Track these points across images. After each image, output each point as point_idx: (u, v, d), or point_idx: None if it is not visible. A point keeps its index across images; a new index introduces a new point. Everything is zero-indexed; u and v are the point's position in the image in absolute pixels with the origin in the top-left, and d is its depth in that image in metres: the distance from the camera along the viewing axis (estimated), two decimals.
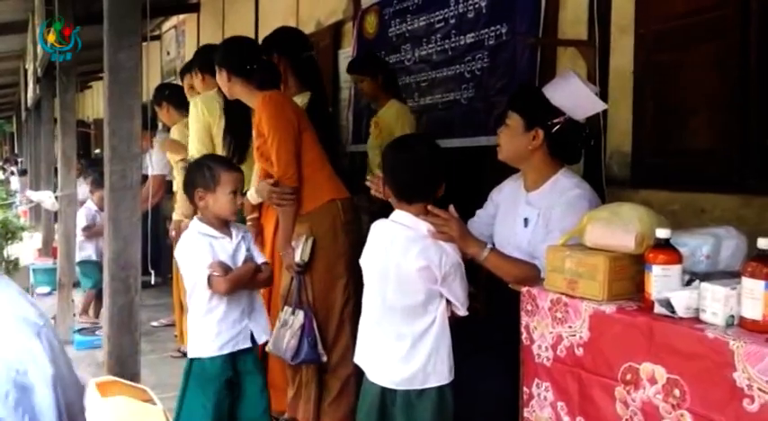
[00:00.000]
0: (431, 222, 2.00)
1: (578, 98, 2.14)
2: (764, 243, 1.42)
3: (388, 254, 2.02)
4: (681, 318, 1.51)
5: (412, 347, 1.98)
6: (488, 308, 2.31)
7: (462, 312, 2.02)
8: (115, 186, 2.40)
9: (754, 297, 1.41)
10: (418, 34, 3.93)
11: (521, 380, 1.88)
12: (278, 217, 2.86)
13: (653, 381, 1.52)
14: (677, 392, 1.47)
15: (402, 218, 2.05)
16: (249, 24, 6.10)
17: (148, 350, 4.10)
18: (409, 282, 1.98)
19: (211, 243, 2.36)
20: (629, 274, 1.70)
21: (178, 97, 4.29)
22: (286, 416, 2.89)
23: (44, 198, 5.53)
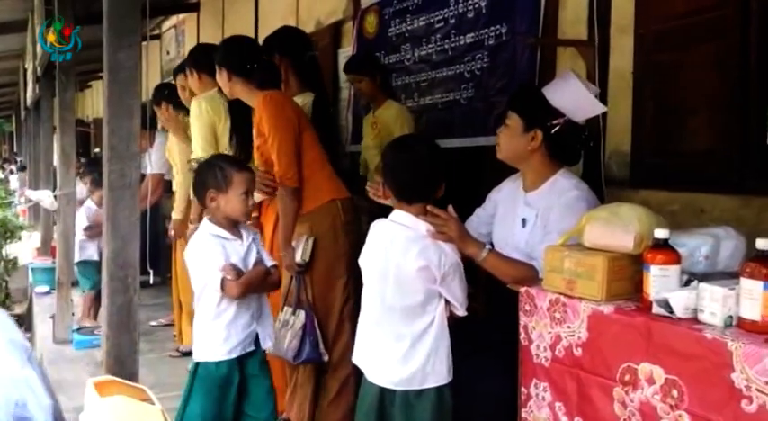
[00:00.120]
0: (430, 222, 2.00)
1: (578, 100, 2.14)
2: (763, 243, 1.42)
3: (388, 254, 2.02)
4: (679, 319, 1.51)
5: (411, 347, 1.98)
6: (487, 308, 2.31)
7: (461, 312, 2.02)
8: (114, 185, 2.40)
9: (752, 297, 1.41)
10: (418, 34, 3.93)
11: (519, 380, 1.88)
12: (277, 216, 2.86)
13: (651, 382, 1.52)
14: (675, 393, 1.47)
15: (401, 218, 2.04)
16: (249, 24, 6.10)
17: (147, 349, 4.09)
18: (408, 283, 1.98)
19: (224, 245, 2.31)
20: (627, 275, 1.69)
21: (177, 97, 4.28)
22: (283, 415, 2.89)
23: (43, 197, 5.53)
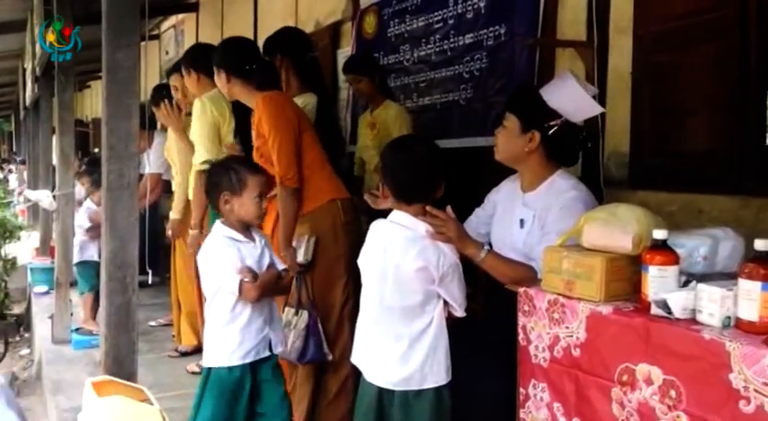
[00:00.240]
0: (429, 223, 2.00)
1: (575, 101, 2.14)
2: (761, 244, 1.42)
3: (387, 254, 2.02)
4: (677, 320, 1.51)
5: (409, 348, 1.98)
6: (486, 308, 2.31)
7: (459, 313, 2.02)
8: (112, 185, 2.40)
9: (750, 298, 1.41)
10: (417, 34, 3.93)
11: (517, 380, 1.88)
12: (277, 216, 2.86)
13: (649, 382, 1.52)
14: (673, 393, 1.47)
15: (400, 218, 2.04)
16: (248, 24, 6.10)
17: (146, 350, 4.09)
18: (407, 283, 1.98)
19: (239, 248, 2.29)
20: (626, 275, 1.69)
21: None
22: None
23: (42, 197, 5.52)
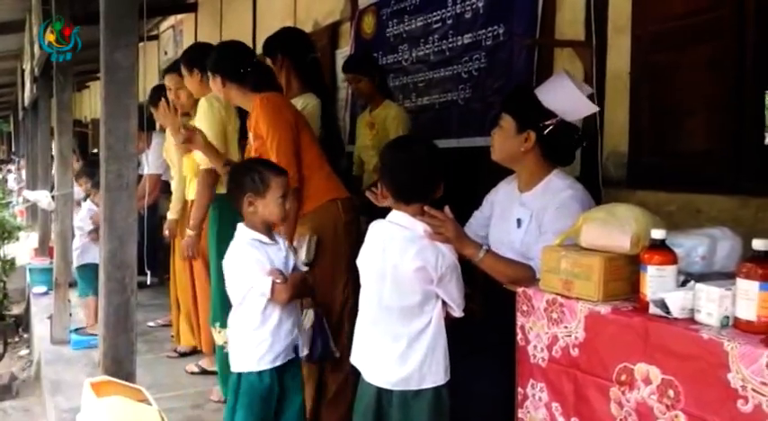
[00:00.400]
0: (427, 223, 2.00)
1: (570, 100, 2.14)
2: (759, 244, 1.42)
3: (385, 254, 2.02)
4: (676, 319, 1.51)
5: (408, 348, 1.98)
6: (484, 308, 2.31)
7: (458, 313, 2.02)
8: (111, 186, 2.39)
9: (748, 298, 1.41)
10: (416, 35, 3.93)
11: (516, 380, 1.88)
12: None
13: (647, 382, 1.52)
14: (671, 393, 1.47)
15: (399, 218, 2.04)
16: (247, 24, 6.10)
17: (144, 350, 4.10)
18: (406, 283, 1.98)
19: (266, 250, 2.28)
20: (624, 275, 1.69)
21: None
22: None
23: (41, 197, 5.52)
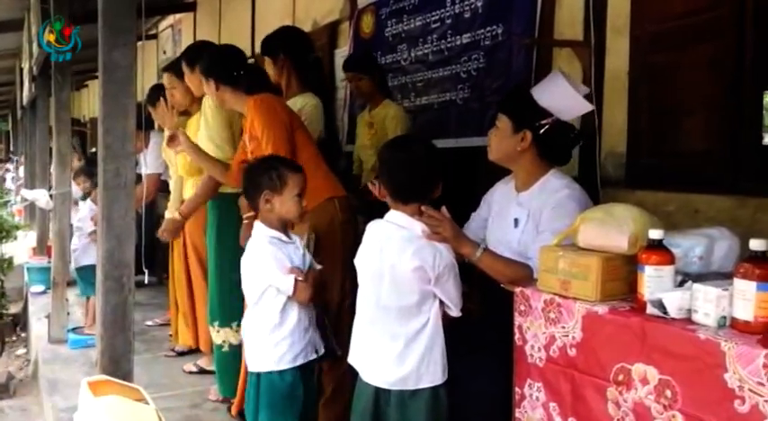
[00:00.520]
0: (425, 223, 2.00)
1: (565, 99, 2.15)
2: (756, 244, 1.42)
3: (383, 254, 2.02)
4: (673, 319, 1.51)
5: (405, 348, 1.98)
6: (482, 307, 2.31)
7: (455, 313, 2.02)
8: (109, 184, 2.39)
9: (745, 298, 1.41)
10: (414, 34, 3.93)
11: (513, 380, 1.88)
12: None
13: (645, 382, 1.52)
14: (669, 393, 1.47)
15: (397, 218, 2.04)
16: (246, 23, 6.10)
17: (142, 349, 4.09)
18: (404, 283, 1.98)
19: (286, 248, 2.28)
20: (621, 275, 1.70)
21: None
22: None
23: (39, 196, 5.51)
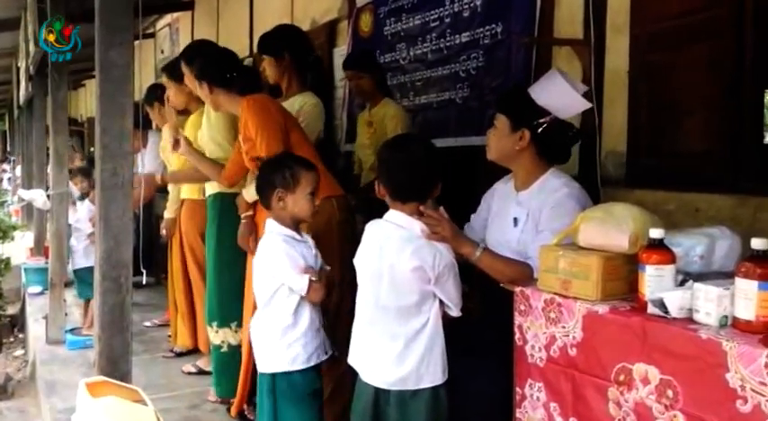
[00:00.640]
0: (424, 222, 1.99)
1: (563, 97, 2.14)
2: (758, 243, 1.42)
3: (382, 254, 2.01)
4: (674, 319, 1.50)
5: (405, 348, 1.97)
6: (482, 307, 2.30)
7: (455, 313, 2.01)
8: (106, 184, 2.38)
9: (747, 297, 1.41)
10: (413, 33, 3.92)
11: (513, 380, 1.87)
12: None
13: (646, 382, 1.52)
14: (670, 393, 1.47)
15: (396, 218, 2.04)
16: (244, 22, 6.09)
17: (141, 350, 4.08)
18: (403, 283, 1.97)
19: (299, 247, 2.27)
20: (622, 274, 1.69)
21: None
22: None
23: (36, 196, 5.50)
